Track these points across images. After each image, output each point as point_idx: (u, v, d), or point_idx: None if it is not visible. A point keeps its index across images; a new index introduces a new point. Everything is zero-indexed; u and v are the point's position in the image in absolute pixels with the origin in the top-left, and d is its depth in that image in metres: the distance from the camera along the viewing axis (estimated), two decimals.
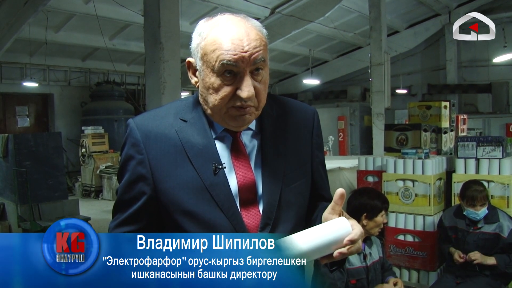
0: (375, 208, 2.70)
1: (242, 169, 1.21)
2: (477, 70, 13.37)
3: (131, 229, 1.22)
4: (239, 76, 1.13)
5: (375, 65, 8.53)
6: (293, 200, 1.24)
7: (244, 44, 1.11)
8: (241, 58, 1.11)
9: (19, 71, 11.14)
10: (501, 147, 3.73)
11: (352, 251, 1.08)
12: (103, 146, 10.93)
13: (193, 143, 1.19)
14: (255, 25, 1.17)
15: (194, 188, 1.17)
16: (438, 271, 3.89)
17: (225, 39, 1.11)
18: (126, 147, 1.23)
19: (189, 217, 1.17)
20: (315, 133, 1.34)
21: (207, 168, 1.18)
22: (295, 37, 11.75)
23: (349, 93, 14.45)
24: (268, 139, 1.25)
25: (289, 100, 1.37)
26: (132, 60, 12.36)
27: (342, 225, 1.09)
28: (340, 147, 12.63)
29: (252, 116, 1.18)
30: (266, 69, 1.18)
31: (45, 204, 6.90)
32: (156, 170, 1.19)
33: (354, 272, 2.62)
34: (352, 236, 1.07)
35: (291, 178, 1.24)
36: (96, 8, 6.62)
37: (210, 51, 1.13)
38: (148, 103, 4.46)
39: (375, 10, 8.64)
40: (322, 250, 1.07)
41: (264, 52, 1.15)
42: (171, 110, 1.25)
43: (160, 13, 4.19)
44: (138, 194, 1.21)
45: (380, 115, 8.47)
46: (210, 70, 1.14)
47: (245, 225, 1.17)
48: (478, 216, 3.27)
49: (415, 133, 4.40)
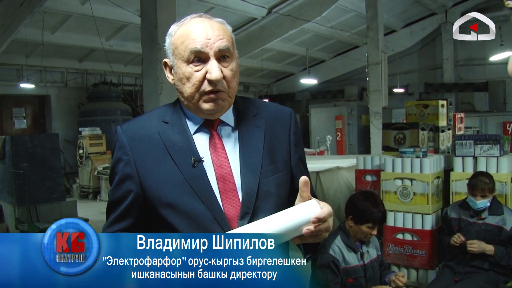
0: (364, 216, 2.62)
1: (219, 160, 1.28)
2: (473, 68, 13.41)
3: (123, 227, 1.30)
4: (207, 61, 1.23)
5: (372, 65, 8.54)
6: (272, 190, 1.30)
7: (208, 32, 1.23)
8: (205, 43, 1.22)
9: (15, 72, 11.10)
10: (498, 145, 3.74)
11: (320, 229, 1.13)
12: (101, 147, 10.91)
13: (173, 142, 1.29)
14: (220, 21, 1.29)
15: (175, 181, 1.25)
16: (436, 270, 3.90)
17: (192, 31, 1.24)
18: (115, 150, 1.33)
19: (171, 209, 1.25)
20: (292, 130, 1.40)
21: (186, 162, 1.26)
22: (292, 37, 11.76)
23: (346, 92, 14.46)
24: (245, 133, 1.33)
25: (265, 102, 1.48)
26: (129, 61, 12.34)
27: (311, 206, 1.13)
28: (338, 147, 12.64)
29: (225, 102, 1.27)
30: (234, 59, 1.28)
31: (43, 206, 6.88)
32: (141, 168, 1.28)
33: (351, 270, 2.62)
34: (319, 214, 1.12)
35: (269, 170, 1.31)
36: (93, 8, 6.60)
37: (180, 43, 1.25)
38: (145, 103, 4.45)
39: (371, 10, 8.64)
40: (293, 231, 1.12)
41: (228, 42, 1.26)
42: (155, 114, 1.36)
43: (157, 14, 4.18)
44: (126, 193, 1.29)
45: (377, 114, 8.48)
46: (182, 61, 1.25)
47: (224, 214, 1.24)
48: (476, 205, 3.30)
49: (413, 132, 4.42)
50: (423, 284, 3.86)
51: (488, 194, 3.28)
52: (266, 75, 15.22)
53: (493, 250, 3.23)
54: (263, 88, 16.51)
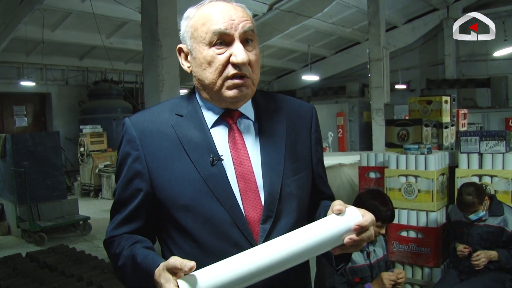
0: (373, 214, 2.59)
1: (240, 157, 1.18)
2: (475, 64, 13.35)
3: (130, 229, 1.20)
4: (231, 44, 1.13)
5: (373, 61, 8.48)
6: (294, 192, 1.21)
7: (231, 14, 1.13)
8: (230, 24, 1.12)
9: (16, 70, 11.09)
10: (504, 141, 3.69)
11: (363, 238, 1.05)
12: (102, 145, 10.89)
13: (189, 137, 1.17)
14: (241, 6, 1.19)
15: (191, 180, 1.14)
16: (442, 267, 3.86)
17: (214, 12, 1.14)
18: (122, 145, 1.22)
19: (186, 211, 1.14)
20: (314, 128, 1.32)
21: (204, 160, 1.15)
22: (293, 33, 11.70)
23: (348, 89, 14.42)
24: (266, 128, 1.23)
25: (285, 96, 1.36)
26: (129, 58, 12.31)
27: (352, 213, 1.05)
28: (339, 143, 12.59)
29: (249, 90, 1.17)
30: (256, 45, 1.19)
31: (44, 204, 6.87)
32: (152, 165, 1.17)
33: (357, 270, 2.58)
34: (361, 222, 1.04)
35: (291, 170, 1.22)
36: (93, 6, 6.54)
37: (200, 25, 1.14)
38: (146, 101, 4.41)
39: (373, 5, 8.58)
40: (334, 240, 1.04)
41: (252, 25, 1.16)
42: (167, 106, 1.25)
43: (157, 10, 4.13)
44: (135, 191, 1.19)
45: (379, 110, 8.42)
46: (202, 44, 1.14)
47: (244, 218, 1.14)
48: (469, 219, 3.24)
49: (416, 128, 4.37)
50: (428, 282, 3.82)
51: (478, 207, 3.17)
52: (267, 71, 15.17)
53: (497, 256, 3.17)
54: (264, 85, 16.45)
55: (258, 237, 1.14)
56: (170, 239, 1.20)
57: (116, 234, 1.20)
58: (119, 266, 1.15)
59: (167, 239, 1.22)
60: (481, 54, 12.97)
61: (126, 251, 1.14)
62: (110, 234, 1.22)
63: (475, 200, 3.14)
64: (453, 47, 13.26)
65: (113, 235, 1.21)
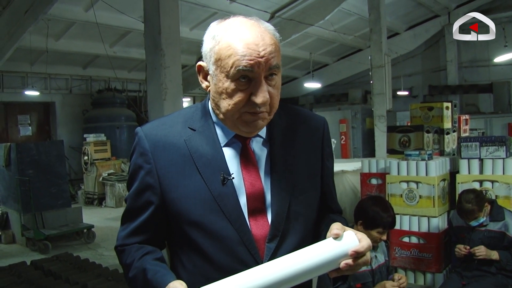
0: (374, 221, 2.61)
1: (251, 177, 1.19)
2: (477, 70, 13.34)
3: (140, 240, 1.23)
4: (254, 81, 1.10)
5: (375, 67, 8.50)
6: (301, 211, 1.22)
7: (259, 49, 1.08)
8: (257, 63, 1.08)
9: (20, 80, 11.18)
10: (504, 146, 3.71)
11: (358, 263, 1.07)
12: (106, 153, 10.93)
13: (201, 153, 1.18)
14: (269, 29, 1.14)
15: (202, 198, 1.16)
16: (444, 273, 3.87)
17: (241, 44, 1.08)
18: (135, 156, 1.23)
19: (196, 227, 1.16)
20: (326, 143, 1.33)
21: (215, 178, 1.16)
22: (295, 41, 11.75)
23: (350, 96, 14.43)
24: (278, 148, 1.23)
25: (298, 108, 1.36)
26: (133, 67, 12.38)
27: (349, 239, 1.09)
28: (342, 150, 12.59)
29: (265, 121, 1.16)
30: (279, 74, 1.16)
31: (48, 213, 6.90)
32: (164, 180, 1.18)
33: (359, 276, 2.60)
34: (358, 248, 1.06)
35: (300, 189, 1.23)
36: (96, 15, 6.62)
37: (225, 56, 1.09)
38: (149, 109, 4.46)
39: (374, 12, 8.61)
40: (330, 264, 1.07)
41: (278, 57, 1.13)
42: (180, 118, 1.24)
43: (160, 20, 4.18)
44: (146, 204, 1.21)
45: (381, 117, 8.43)
46: (225, 75, 1.10)
47: (252, 237, 1.16)
48: (470, 226, 3.26)
49: (418, 135, 4.40)
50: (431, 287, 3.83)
51: (478, 214, 3.19)
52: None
53: (498, 256, 3.19)
54: None
55: (264, 255, 1.16)
56: (181, 251, 1.24)
57: (128, 243, 1.24)
58: (130, 277, 1.19)
59: (178, 251, 1.25)
60: (483, 59, 12.97)
61: (137, 262, 1.18)
62: (122, 241, 1.25)
63: (474, 208, 3.16)
64: (455, 53, 13.26)
65: (125, 243, 1.25)
